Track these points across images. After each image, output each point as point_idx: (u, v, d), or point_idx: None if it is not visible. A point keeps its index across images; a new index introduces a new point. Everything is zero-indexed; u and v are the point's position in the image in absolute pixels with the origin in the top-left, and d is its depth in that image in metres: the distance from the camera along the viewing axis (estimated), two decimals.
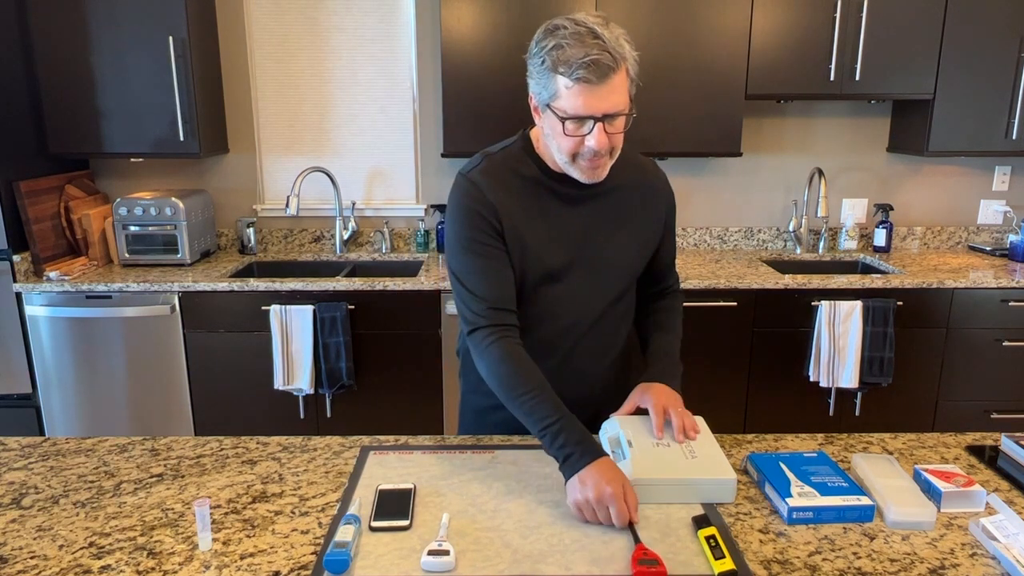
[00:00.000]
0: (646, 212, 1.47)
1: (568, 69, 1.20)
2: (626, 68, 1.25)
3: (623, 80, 1.24)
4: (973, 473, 1.32)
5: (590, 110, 1.23)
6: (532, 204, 1.39)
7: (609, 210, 1.43)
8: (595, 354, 1.49)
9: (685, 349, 2.88)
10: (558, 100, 1.24)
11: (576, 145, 1.27)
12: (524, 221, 1.38)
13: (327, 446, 1.42)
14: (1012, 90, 3.00)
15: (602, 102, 1.23)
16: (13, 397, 2.95)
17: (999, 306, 2.88)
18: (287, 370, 2.85)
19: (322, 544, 1.10)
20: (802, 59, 2.96)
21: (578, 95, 1.22)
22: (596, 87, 1.21)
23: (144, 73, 2.93)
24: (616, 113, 1.25)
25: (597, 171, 1.32)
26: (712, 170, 3.43)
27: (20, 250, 2.88)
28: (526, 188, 1.39)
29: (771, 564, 1.05)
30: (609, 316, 1.48)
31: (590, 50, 1.19)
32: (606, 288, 1.45)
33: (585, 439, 1.22)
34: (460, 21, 2.90)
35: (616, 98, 1.24)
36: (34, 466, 1.35)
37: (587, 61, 1.19)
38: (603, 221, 1.42)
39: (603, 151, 1.28)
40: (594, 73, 1.20)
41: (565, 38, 1.21)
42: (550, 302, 1.43)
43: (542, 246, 1.39)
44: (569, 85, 1.22)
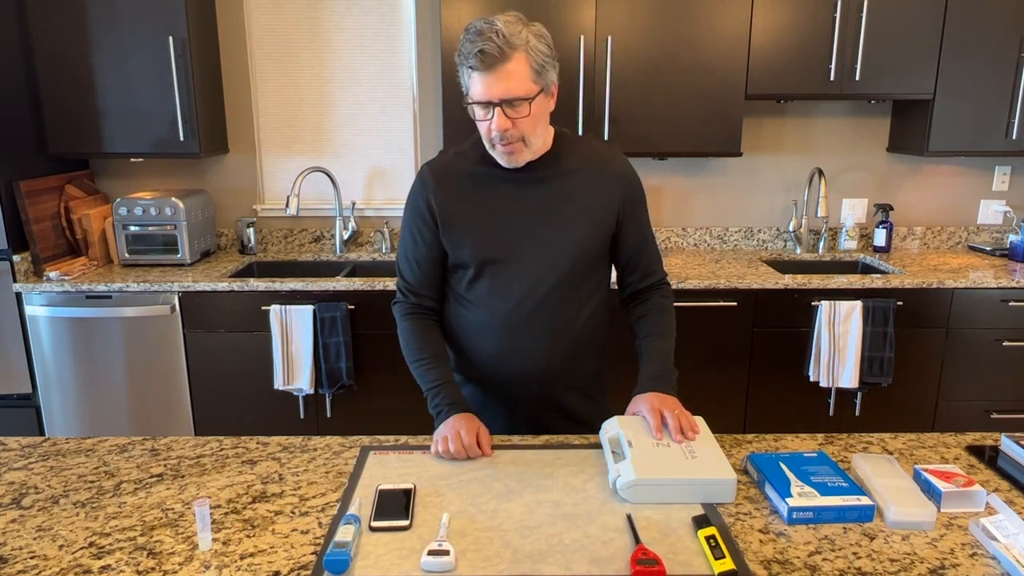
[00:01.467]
0: (598, 196, 1.51)
1: (465, 60, 1.37)
2: (524, 57, 1.36)
3: (519, 67, 1.35)
4: (973, 473, 1.32)
5: (486, 95, 1.36)
6: (480, 191, 1.50)
7: (558, 193, 1.50)
8: (545, 333, 1.53)
9: (685, 349, 2.89)
10: (469, 91, 1.40)
11: (487, 130, 1.41)
12: (470, 207, 1.50)
13: (327, 446, 1.42)
14: (1012, 90, 3.00)
15: (494, 88, 1.35)
16: (13, 397, 2.95)
17: (999, 306, 2.88)
18: (287, 370, 2.85)
19: (322, 544, 1.10)
20: (802, 59, 2.96)
21: (476, 82, 1.37)
22: (487, 74, 1.35)
23: (144, 73, 2.93)
24: (513, 98, 1.36)
25: (513, 156, 1.44)
26: (712, 170, 3.43)
27: (20, 250, 2.88)
28: (476, 177, 1.51)
29: (771, 564, 1.05)
30: (562, 297, 1.51)
31: (483, 43, 1.33)
32: (555, 268, 1.50)
33: (456, 401, 1.46)
34: (460, 21, 2.90)
35: (509, 84, 1.35)
36: (34, 466, 1.35)
37: (476, 51, 1.33)
38: (551, 204, 1.49)
39: (509, 135, 1.39)
40: (482, 62, 1.34)
41: (468, 36, 1.36)
42: (499, 280, 1.51)
43: (489, 228, 1.49)
44: (469, 75, 1.38)
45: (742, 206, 3.47)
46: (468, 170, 1.52)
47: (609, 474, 1.26)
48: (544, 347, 1.53)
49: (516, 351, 1.53)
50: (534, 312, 1.51)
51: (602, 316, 1.61)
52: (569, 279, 1.51)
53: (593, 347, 1.61)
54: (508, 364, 1.55)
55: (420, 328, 1.56)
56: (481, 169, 1.51)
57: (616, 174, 1.54)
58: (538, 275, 1.50)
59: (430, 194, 1.52)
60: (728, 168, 3.42)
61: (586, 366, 1.60)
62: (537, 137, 1.44)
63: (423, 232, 1.54)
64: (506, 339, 1.53)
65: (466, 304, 1.56)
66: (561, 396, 1.59)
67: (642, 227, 1.59)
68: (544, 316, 1.51)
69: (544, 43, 1.40)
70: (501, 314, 1.52)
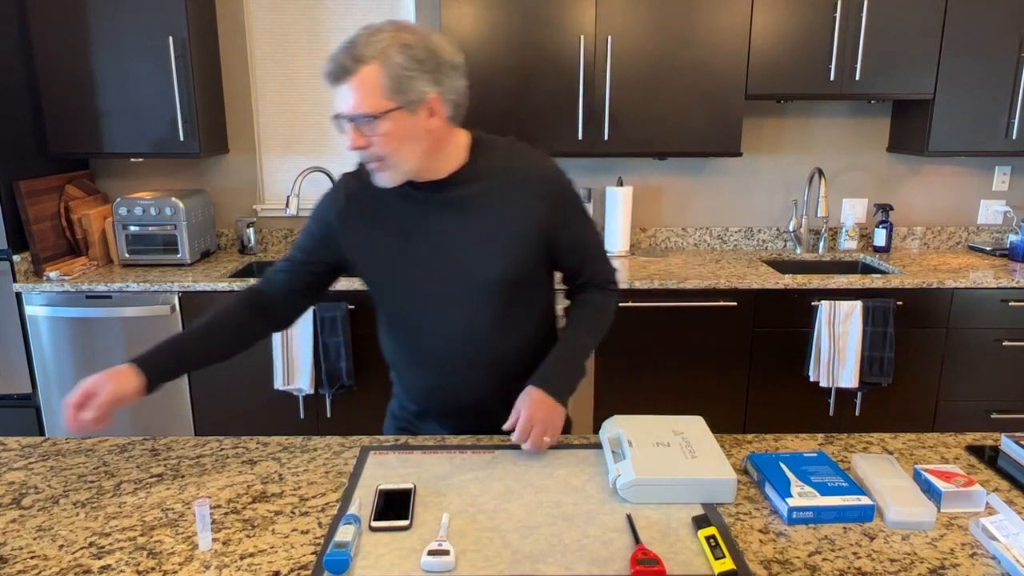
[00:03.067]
0: (520, 214, 1.37)
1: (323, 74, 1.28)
2: (377, 69, 1.22)
3: (366, 82, 1.23)
4: (973, 473, 1.32)
5: (337, 109, 1.28)
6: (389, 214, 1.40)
7: (474, 214, 1.37)
8: (476, 366, 1.44)
9: (686, 349, 2.90)
10: None
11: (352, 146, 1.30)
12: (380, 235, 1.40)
13: (327, 446, 1.42)
14: (1012, 90, 3.00)
15: (343, 102, 1.26)
16: (13, 397, 2.95)
17: (999, 306, 2.88)
18: (287, 370, 2.85)
19: (322, 544, 1.10)
20: (802, 59, 2.96)
21: (334, 95, 1.28)
22: (336, 88, 1.26)
23: (144, 73, 2.93)
24: (357, 115, 1.24)
25: (379, 175, 1.32)
26: (712, 170, 3.43)
27: (20, 250, 2.88)
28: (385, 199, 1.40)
29: (771, 564, 1.05)
30: (489, 326, 1.41)
31: (335, 54, 1.24)
32: (477, 297, 1.39)
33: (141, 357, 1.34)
34: (460, 21, 2.90)
35: (356, 99, 1.24)
36: (34, 466, 1.35)
37: (327, 64, 1.25)
38: (468, 227, 1.37)
39: (366, 155, 1.28)
40: (331, 74, 1.25)
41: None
42: (417, 315, 1.43)
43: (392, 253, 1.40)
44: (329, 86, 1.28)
45: (742, 206, 3.47)
46: (381, 192, 1.38)
47: (609, 474, 1.26)
48: (477, 379, 1.46)
49: (446, 386, 1.47)
50: (461, 346, 1.42)
51: (544, 332, 1.51)
52: (494, 307, 1.40)
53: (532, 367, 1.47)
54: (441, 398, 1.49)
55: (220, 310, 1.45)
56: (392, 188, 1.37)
57: (539, 187, 1.38)
58: (459, 306, 1.40)
59: (337, 208, 1.43)
60: (728, 168, 3.42)
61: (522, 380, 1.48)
62: (404, 158, 1.29)
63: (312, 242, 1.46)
64: (433, 374, 1.47)
65: (390, 334, 1.50)
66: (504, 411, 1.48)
67: (579, 236, 1.44)
68: (472, 351, 1.42)
69: (408, 54, 1.23)
70: (425, 349, 1.45)
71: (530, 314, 1.47)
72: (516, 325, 1.45)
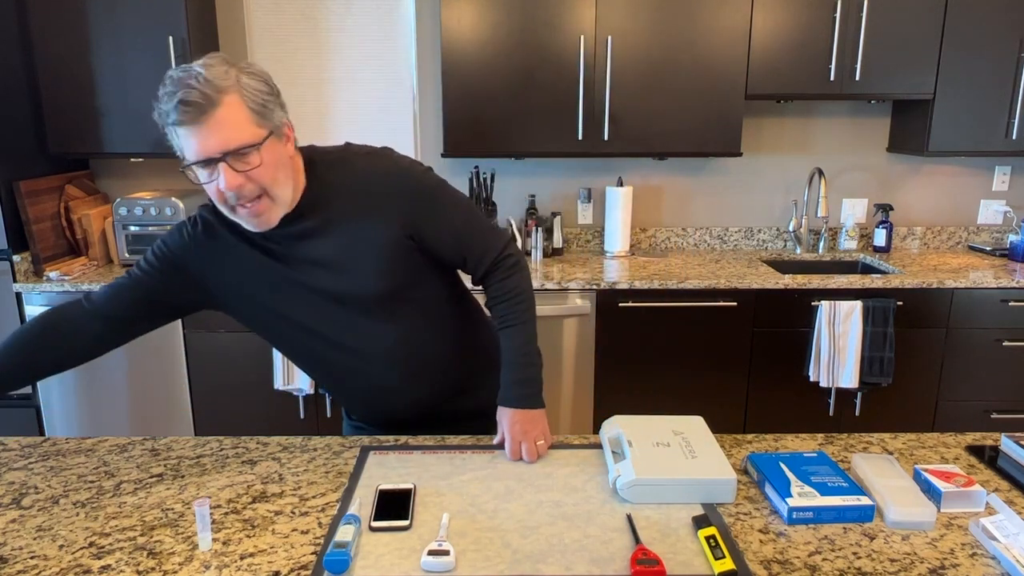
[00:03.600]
0: (377, 227, 1.31)
1: (167, 117, 1.16)
2: (237, 101, 1.16)
3: (232, 112, 1.15)
4: (973, 473, 1.32)
5: (203, 152, 1.15)
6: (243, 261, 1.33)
7: (331, 244, 1.31)
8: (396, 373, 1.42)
9: (686, 349, 2.90)
10: (184, 153, 1.18)
11: (219, 193, 1.20)
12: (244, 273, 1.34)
13: (327, 446, 1.42)
14: (1012, 90, 3.00)
15: (209, 141, 1.14)
16: (13, 397, 2.95)
17: (999, 306, 2.88)
18: (287, 370, 2.85)
19: (322, 544, 1.10)
20: (802, 59, 2.96)
21: (187, 139, 1.16)
22: (197, 127, 1.14)
23: (144, 73, 2.93)
24: (235, 148, 1.16)
25: (262, 217, 1.23)
26: (712, 170, 3.43)
27: (20, 250, 2.88)
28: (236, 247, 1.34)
29: (771, 564, 1.05)
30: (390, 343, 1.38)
31: (183, 92, 1.13)
32: (364, 316, 1.35)
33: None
34: (460, 21, 2.90)
35: (226, 133, 1.15)
36: (34, 466, 1.35)
37: (176, 103, 1.13)
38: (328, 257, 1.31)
39: (246, 192, 1.19)
40: (187, 114, 1.13)
41: (164, 88, 1.16)
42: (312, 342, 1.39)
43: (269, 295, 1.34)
44: (177, 133, 1.16)
45: (742, 206, 3.47)
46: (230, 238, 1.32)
47: (609, 474, 1.26)
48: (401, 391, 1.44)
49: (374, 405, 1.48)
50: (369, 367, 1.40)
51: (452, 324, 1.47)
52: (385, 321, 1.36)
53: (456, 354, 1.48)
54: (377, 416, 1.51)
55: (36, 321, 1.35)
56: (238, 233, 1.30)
57: (385, 190, 1.31)
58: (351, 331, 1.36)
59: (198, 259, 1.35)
60: (728, 168, 3.42)
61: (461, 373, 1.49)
62: (282, 187, 1.23)
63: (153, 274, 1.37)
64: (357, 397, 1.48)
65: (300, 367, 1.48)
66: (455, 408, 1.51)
67: (445, 224, 1.36)
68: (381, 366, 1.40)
69: (260, 80, 1.19)
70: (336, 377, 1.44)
71: (431, 314, 1.42)
72: (419, 329, 1.41)
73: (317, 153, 1.34)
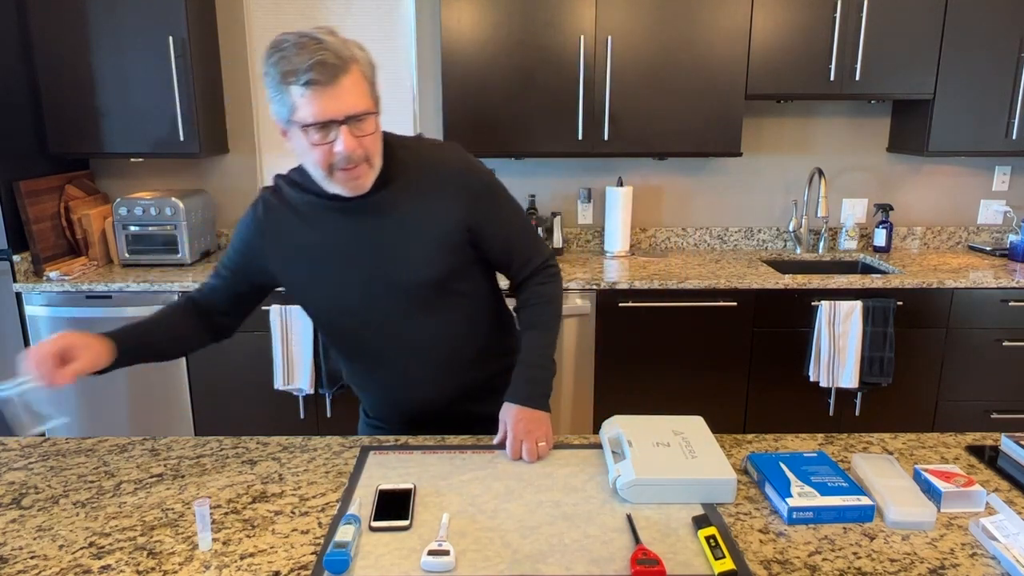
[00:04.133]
0: (436, 212, 1.36)
1: (296, 77, 1.18)
2: (359, 70, 1.22)
3: (357, 81, 1.22)
4: (973, 473, 1.32)
5: (329, 114, 1.20)
6: (309, 226, 1.37)
7: (395, 218, 1.35)
8: (427, 366, 1.44)
9: (686, 349, 2.90)
10: (297, 112, 1.21)
11: (327, 155, 1.23)
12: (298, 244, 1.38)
13: (327, 446, 1.42)
14: (1012, 90, 3.00)
15: (338, 103, 1.20)
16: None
17: (999, 306, 2.88)
18: (287, 370, 2.85)
19: (322, 544, 1.10)
20: (802, 59, 2.96)
21: (313, 100, 1.19)
22: (328, 88, 1.19)
23: (144, 73, 2.93)
24: (357, 114, 1.22)
25: (358, 181, 1.28)
26: (712, 170, 3.43)
27: (20, 250, 2.88)
28: (305, 211, 1.37)
29: (771, 564, 1.05)
30: (427, 331, 1.41)
31: (313, 54, 1.17)
32: (409, 303, 1.38)
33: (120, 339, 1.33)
34: (460, 21, 2.90)
35: (352, 98, 1.21)
36: (34, 466, 1.35)
37: (312, 63, 1.16)
38: (390, 233, 1.35)
39: (356, 157, 1.24)
40: (322, 74, 1.17)
41: (288, 49, 1.18)
42: (355, 323, 1.41)
43: (321, 266, 1.38)
44: (302, 93, 1.19)
45: (742, 206, 3.47)
46: (300, 202, 1.37)
47: (609, 474, 1.26)
48: (435, 381, 1.46)
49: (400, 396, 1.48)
50: (407, 351, 1.42)
51: (487, 324, 1.50)
52: (429, 309, 1.40)
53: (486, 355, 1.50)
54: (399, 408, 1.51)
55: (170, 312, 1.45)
56: (312, 200, 1.36)
57: (454, 182, 1.37)
58: (394, 312, 1.39)
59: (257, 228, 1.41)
60: (728, 168, 3.42)
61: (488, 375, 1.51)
62: (379, 157, 1.30)
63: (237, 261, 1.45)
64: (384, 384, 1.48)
65: (335, 349, 1.51)
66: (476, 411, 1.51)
67: (501, 225, 1.42)
68: (420, 353, 1.42)
69: (367, 55, 1.26)
70: (370, 359, 1.45)
71: (470, 310, 1.45)
72: (456, 323, 1.44)
73: (392, 136, 1.39)
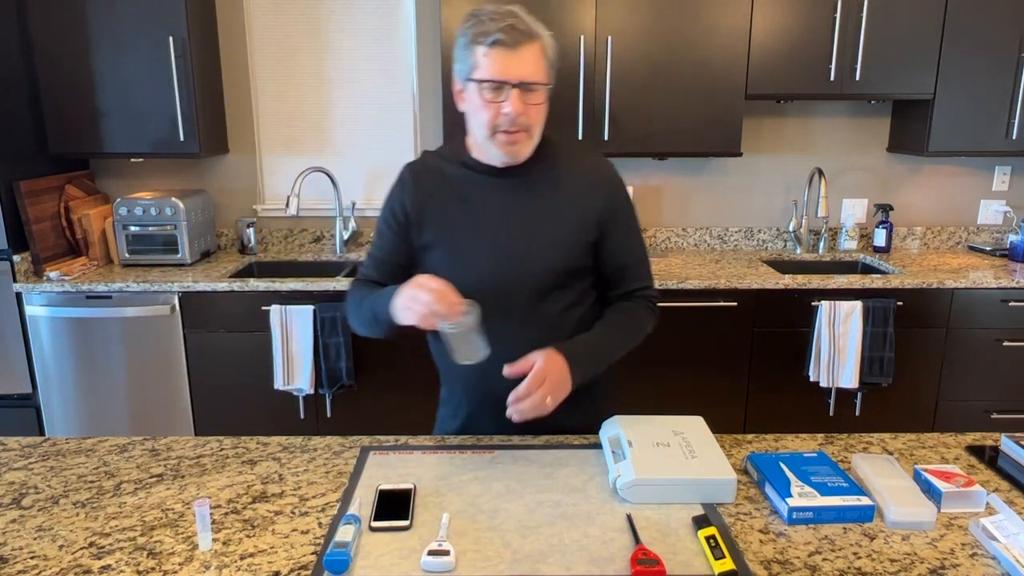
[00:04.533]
0: (577, 204, 1.43)
1: (485, 37, 1.30)
2: (542, 46, 1.33)
3: (539, 54, 1.33)
4: (973, 473, 1.32)
5: (506, 74, 1.30)
6: (458, 195, 1.44)
7: (538, 201, 1.42)
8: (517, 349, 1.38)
9: (685, 349, 2.89)
10: (477, 70, 1.32)
11: (494, 115, 1.32)
12: (446, 213, 1.44)
13: (327, 446, 1.42)
14: (1012, 90, 3.00)
15: (517, 68, 1.30)
16: (13, 397, 2.95)
17: (999, 306, 2.88)
18: (287, 370, 2.85)
19: (322, 544, 1.10)
20: (802, 59, 2.96)
21: (495, 60, 1.30)
22: (511, 52, 1.29)
23: (144, 73, 2.93)
24: (532, 82, 1.31)
25: (515, 147, 1.36)
26: (712, 170, 3.43)
27: (20, 250, 2.88)
28: (455, 180, 1.45)
29: (771, 564, 1.05)
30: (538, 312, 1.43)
31: (508, 20, 1.29)
32: (529, 282, 1.42)
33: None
34: (459, 21, 2.89)
35: (531, 67, 1.31)
36: (34, 466, 1.35)
37: (503, 27, 1.28)
38: (531, 212, 1.42)
39: (520, 122, 1.32)
40: (509, 36, 1.28)
41: (484, 15, 1.32)
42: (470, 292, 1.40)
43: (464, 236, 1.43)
44: (486, 52, 1.30)
45: (742, 206, 3.47)
46: (448, 173, 1.46)
47: (609, 474, 1.26)
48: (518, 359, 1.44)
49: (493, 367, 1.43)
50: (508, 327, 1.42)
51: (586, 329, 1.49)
52: (546, 292, 1.43)
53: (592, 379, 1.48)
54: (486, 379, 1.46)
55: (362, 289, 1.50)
56: (461, 172, 1.45)
57: (598, 185, 1.45)
58: (510, 289, 1.42)
59: (406, 196, 1.47)
60: (728, 168, 3.42)
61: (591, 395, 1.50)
62: (539, 132, 1.39)
63: (392, 230, 1.50)
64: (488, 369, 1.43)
65: None
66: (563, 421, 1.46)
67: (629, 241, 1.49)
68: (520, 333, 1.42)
69: (553, 41, 1.37)
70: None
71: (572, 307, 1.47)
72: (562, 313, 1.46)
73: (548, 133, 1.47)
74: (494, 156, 1.39)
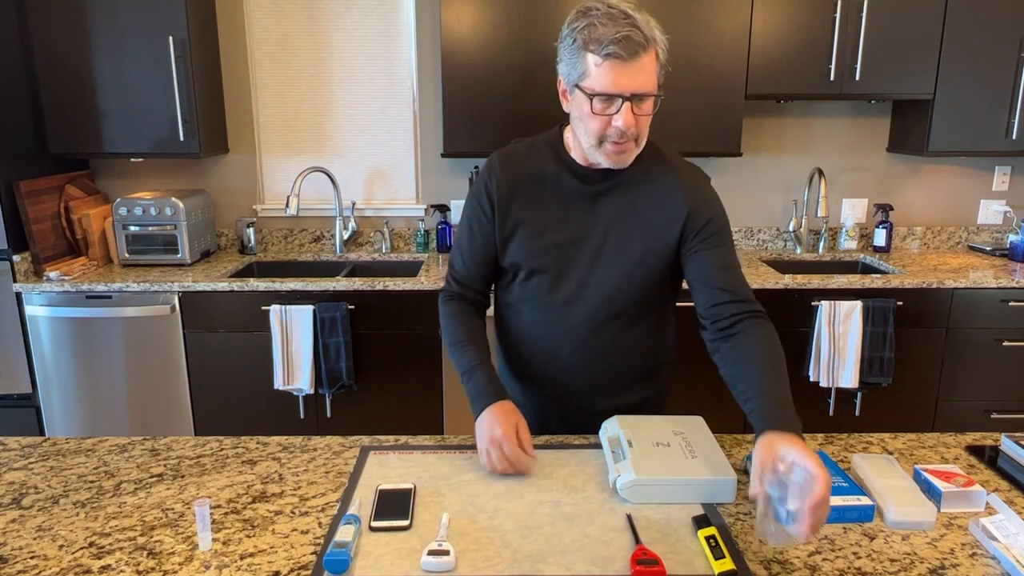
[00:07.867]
0: (659, 214, 1.38)
1: (599, 46, 1.22)
2: (656, 52, 1.26)
3: (652, 62, 1.25)
4: (973, 473, 1.32)
5: (619, 88, 1.23)
6: (546, 190, 1.41)
7: (621, 207, 1.39)
8: (583, 353, 1.44)
9: (685, 349, 2.89)
10: (587, 79, 1.25)
11: (603, 126, 1.28)
12: (531, 206, 1.41)
13: (327, 446, 1.42)
14: (1012, 90, 3.00)
15: (631, 80, 1.23)
16: (13, 397, 2.95)
17: (999, 306, 2.88)
18: (287, 370, 2.85)
19: (322, 544, 1.10)
20: (802, 59, 2.96)
21: (608, 72, 1.23)
22: (626, 64, 1.22)
23: (144, 73, 2.93)
24: (644, 94, 1.25)
25: (623, 155, 1.32)
26: (712, 170, 3.42)
27: (20, 250, 2.88)
28: (546, 175, 1.41)
29: (771, 564, 1.05)
30: (608, 320, 1.42)
31: (621, 28, 1.21)
32: (603, 286, 1.40)
33: (488, 387, 1.36)
34: (460, 21, 2.90)
35: (645, 78, 1.24)
36: (34, 466, 1.35)
37: (618, 37, 1.20)
38: (614, 216, 1.39)
39: (630, 134, 1.28)
40: (625, 49, 1.21)
41: (597, 18, 1.23)
42: (545, 288, 1.43)
43: (548, 230, 1.40)
44: (599, 62, 1.23)
45: (742, 206, 3.47)
46: (539, 166, 1.42)
47: (609, 474, 1.26)
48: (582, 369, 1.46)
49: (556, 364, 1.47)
50: (578, 327, 1.42)
51: (657, 341, 1.50)
52: (621, 297, 1.41)
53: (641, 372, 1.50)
54: (547, 375, 1.48)
55: (460, 311, 1.49)
56: (552, 167, 1.41)
57: (683, 194, 1.38)
58: (584, 290, 1.41)
59: (494, 182, 1.42)
60: (728, 168, 3.42)
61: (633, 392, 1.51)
62: (646, 136, 1.34)
63: (480, 224, 1.45)
64: (546, 351, 1.47)
65: (509, 309, 1.50)
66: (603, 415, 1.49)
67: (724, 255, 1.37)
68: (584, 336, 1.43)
69: (664, 38, 1.29)
70: (544, 326, 1.45)
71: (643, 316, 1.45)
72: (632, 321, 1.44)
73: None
74: (598, 160, 1.35)
